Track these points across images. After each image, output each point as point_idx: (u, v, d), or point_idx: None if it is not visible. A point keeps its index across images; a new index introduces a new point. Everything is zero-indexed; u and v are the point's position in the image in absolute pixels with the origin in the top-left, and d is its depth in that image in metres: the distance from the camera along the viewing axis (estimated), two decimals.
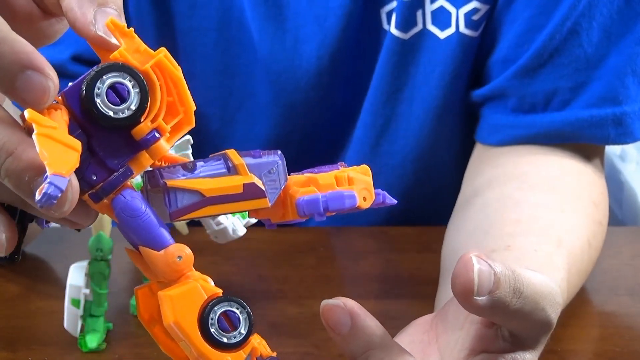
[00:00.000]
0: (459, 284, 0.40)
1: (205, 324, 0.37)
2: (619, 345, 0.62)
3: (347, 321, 0.40)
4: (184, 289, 0.37)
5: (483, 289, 0.40)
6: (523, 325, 0.43)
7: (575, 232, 0.65)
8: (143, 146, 0.36)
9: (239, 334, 0.37)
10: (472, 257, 0.40)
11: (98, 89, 0.35)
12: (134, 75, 0.35)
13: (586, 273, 0.67)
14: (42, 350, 0.60)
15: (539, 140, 0.74)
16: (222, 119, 0.83)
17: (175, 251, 0.37)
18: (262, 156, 0.39)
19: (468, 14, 0.74)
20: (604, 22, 0.70)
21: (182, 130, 0.37)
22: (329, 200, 0.39)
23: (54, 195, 0.32)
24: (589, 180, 0.72)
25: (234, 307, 0.37)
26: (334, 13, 0.76)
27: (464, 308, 0.41)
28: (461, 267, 0.40)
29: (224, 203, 0.38)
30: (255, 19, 0.77)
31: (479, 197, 0.70)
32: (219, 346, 0.37)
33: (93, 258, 0.59)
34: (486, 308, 0.40)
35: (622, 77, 0.71)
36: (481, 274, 0.40)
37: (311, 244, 0.76)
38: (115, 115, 0.35)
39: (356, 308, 0.40)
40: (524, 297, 0.41)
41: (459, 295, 0.40)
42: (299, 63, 0.78)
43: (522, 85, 0.74)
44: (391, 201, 0.41)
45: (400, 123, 0.80)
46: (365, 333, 0.40)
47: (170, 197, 0.37)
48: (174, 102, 0.37)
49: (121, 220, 0.37)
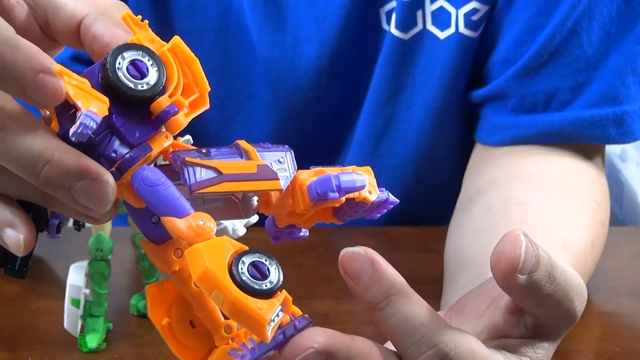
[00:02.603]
0: (505, 259, 0.40)
1: (235, 274, 0.36)
2: (620, 345, 0.62)
3: (368, 268, 0.40)
4: (211, 242, 0.36)
5: (526, 267, 0.40)
6: (550, 314, 0.43)
7: (579, 232, 0.65)
8: (162, 119, 0.37)
9: (270, 282, 0.36)
10: (520, 234, 0.40)
11: (119, 63, 0.37)
12: (152, 55, 0.38)
13: (589, 273, 0.67)
14: (42, 350, 0.60)
15: (540, 140, 0.74)
16: (221, 121, 0.83)
17: (198, 217, 0.36)
18: (271, 147, 0.40)
19: (468, 14, 0.74)
20: (604, 22, 0.70)
21: (198, 109, 0.38)
22: (340, 177, 0.39)
23: (89, 125, 0.34)
24: (591, 180, 0.72)
25: (262, 259, 0.37)
26: (334, 13, 0.76)
27: (502, 285, 0.41)
28: (508, 243, 0.40)
29: (239, 181, 0.38)
30: (254, 19, 0.77)
31: (481, 197, 0.70)
32: (251, 293, 0.35)
33: (93, 258, 0.59)
34: (522, 288, 0.40)
35: (623, 76, 0.71)
36: (527, 252, 0.40)
37: (311, 244, 0.76)
38: (136, 87, 0.37)
39: (376, 255, 0.40)
40: (556, 284, 0.41)
41: (502, 271, 0.40)
42: (299, 63, 0.78)
43: (523, 86, 0.74)
44: (394, 200, 0.42)
45: (401, 124, 0.79)
46: (386, 279, 0.40)
47: (189, 171, 0.37)
48: (189, 83, 0.38)
49: (140, 192, 0.37)
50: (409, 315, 0.40)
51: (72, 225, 0.61)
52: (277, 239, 0.43)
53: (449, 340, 0.40)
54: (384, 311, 0.40)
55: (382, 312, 0.40)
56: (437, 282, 0.66)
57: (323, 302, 0.66)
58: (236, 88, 0.81)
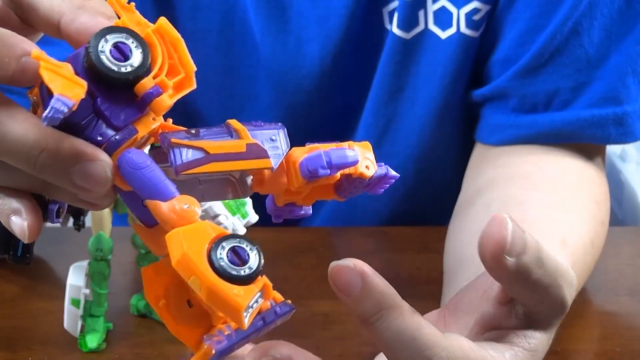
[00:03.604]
0: (492, 241, 0.40)
1: (213, 259, 0.35)
2: (620, 345, 0.62)
3: (357, 281, 0.39)
4: (192, 226, 0.36)
5: (514, 248, 0.40)
6: (539, 301, 0.43)
7: (579, 232, 0.65)
8: (146, 100, 0.37)
9: (249, 268, 0.35)
10: (506, 216, 0.40)
11: (102, 47, 0.36)
12: (136, 37, 0.37)
13: (588, 273, 0.67)
14: (42, 350, 0.60)
15: (540, 140, 0.74)
16: (223, 121, 0.82)
17: (182, 200, 0.36)
18: (264, 125, 0.40)
19: (469, 14, 0.74)
20: (605, 22, 0.70)
21: (184, 89, 0.38)
22: (331, 153, 0.39)
23: (60, 109, 0.33)
24: (591, 180, 0.72)
25: (243, 244, 0.36)
26: (337, 14, 0.76)
27: (491, 269, 0.41)
28: (494, 225, 0.40)
29: (228, 160, 0.38)
30: (258, 20, 0.77)
31: (481, 197, 0.70)
32: (229, 279, 0.35)
33: (93, 258, 0.59)
34: (511, 272, 0.40)
35: (623, 76, 0.71)
36: (514, 234, 0.40)
37: (311, 244, 0.76)
38: (119, 69, 0.36)
39: (366, 268, 0.40)
40: (545, 269, 0.41)
41: (490, 253, 0.40)
42: (302, 64, 0.78)
43: (523, 85, 0.74)
44: (394, 175, 0.41)
45: (402, 124, 0.79)
46: (376, 292, 0.39)
47: (175, 152, 0.37)
48: (174, 64, 0.38)
49: (125, 175, 0.37)
50: (401, 330, 0.40)
51: (72, 225, 0.61)
52: (279, 217, 0.42)
53: (442, 352, 0.40)
54: (375, 325, 0.40)
55: (373, 327, 0.40)
56: (437, 282, 0.66)
57: (323, 302, 0.66)
58: (239, 88, 0.81)
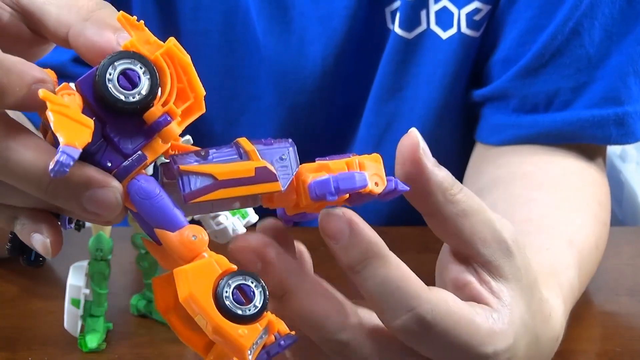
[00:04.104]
0: (406, 143, 0.41)
1: (219, 297, 0.36)
2: (620, 345, 0.62)
3: (345, 229, 0.40)
4: (198, 264, 0.37)
5: (428, 153, 0.41)
6: (472, 236, 0.42)
7: (585, 232, 0.65)
8: (155, 129, 0.37)
9: (254, 306, 0.37)
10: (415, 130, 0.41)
11: (110, 74, 0.36)
12: (144, 62, 0.37)
13: (592, 274, 0.67)
14: (42, 350, 0.60)
15: (541, 140, 0.74)
16: (225, 122, 0.82)
17: (190, 231, 0.37)
18: (274, 144, 0.40)
19: (470, 14, 0.74)
20: (606, 22, 0.70)
21: (193, 114, 0.38)
22: (339, 180, 0.39)
23: (66, 163, 0.33)
24: (592, 181, 0.72)
25: (248, 281, 0.37)
26: (339, 14, 0.76)
27: (412, 173, 0.41)
28: (406, 137, 0.41)
29: (237, 186, 0.38)
30: (260, 20, 0.77)
31: (485, 197, 0.70)
32: (234, 318, 0.36)
33: (93, 258, 0.59)
34: (431, 181, 0.41)
35: (624, 77, 0.71)
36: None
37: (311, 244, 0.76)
38: (127, 99, 0.36)
39: (354, 217, 0.40)
40: (464, 193, 0.42)
41: (407, 153, 0.41)
42: (304, 64, 0.78)
43: (524, 86, 0.74)
44: (403, 188, 0.41)
45: (402, 123, 0.79)
46: (364, 241, 0.40)
47: (184, 180, 0.38)
48: (184, 88, 0.38)
49: (135, 203, 0.37)
50: (385, 279, 0.40)
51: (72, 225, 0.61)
52: (289, 222, 0.43)
53: (426, 303, 0.39)
54: (360, 274, 0.40)
55: (359, 275, 0.40)
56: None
57: None
58: (241, 89, 0.81)
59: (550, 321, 0.47)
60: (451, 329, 0.40)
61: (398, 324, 0.40)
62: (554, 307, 0.49)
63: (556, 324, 0.48)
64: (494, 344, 0.41)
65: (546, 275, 0.53)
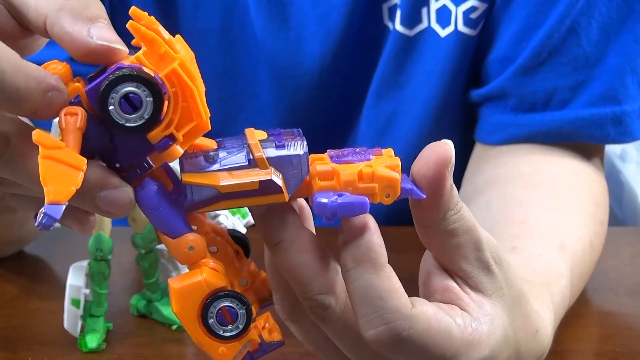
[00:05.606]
0: (440, 152, 0.41)
1: (205, 317, 0.40)
2: (620, 345, 0.62)
3: (356, 231, 0.41)
4: (187, 283, 0.40)
5: (453, 168, 0.41)
6: (459, 251, 0.42)
7: (579, 233, 0.65)
8: (157, 150, 0.38)
9: (236, 327, 0.40)
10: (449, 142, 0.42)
11: (112, 98, 0.36)
12: (148, 85, 0.36)
13: (588, 274, 0.67)
14: (42, 350, 0.60)
15: (539, 139, 0.74)
16: (224, 120, 0.82)
17: (187, 242, 0.40)
18: (285, 144, 0.40)
19: (466, 12, 0.74)
20: (603, 21, 0.70)
21: (198, 134, 0.39)
22: (337, 207, 0.39)
23: (47, 224, 0.35)
24: (590, 180, 0.72)
25: (234, 304, 0.40)
26: (337, 11, 0.76)
27: (432, 185, 0.41)
28: (437, 145, 0.42)
29: (240, 198, 0.39)
30: (259, 18, 0.77)
31: (481, 196, 0.70)
32: (215, 337, 0.40)
33: (93, 258, 0.59)
34: (447, 194, 0.41)
35: (622, 76, 0.71)
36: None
37: None
38: (128, 124, 0.37)
39: (371, 223, 0.42)
40: (462, 213, 0.42)
41: (436, 162, 0.41)
42: (302, 61, 0.78)
43: (522, 85, 0.74)
44: (419, 195, 0.41)
45: (401, 122, 0.80)
46: (363, 244, 0.40)
47: (187, 190, 0.39)
48: (189, 106, 0.37)
49: (141, 209, 0.39)
50: (370, 286, 0.40)
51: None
52: None
53: (403, 321, 0.39)
54: (349, 272, 0.40)
55: (348, 273, 0.40)
56: None
57: None
58: (240, 87, 0.81)
59: (537, 337, 0.47)
60: (426, 344, 0.40)
61: (371, 334, 0.40)
62: (544, 321, 0.49)
63: (544, 340, 0.48)
64: (467, 355, 0.42)
65: (539, 286, 0.53)
